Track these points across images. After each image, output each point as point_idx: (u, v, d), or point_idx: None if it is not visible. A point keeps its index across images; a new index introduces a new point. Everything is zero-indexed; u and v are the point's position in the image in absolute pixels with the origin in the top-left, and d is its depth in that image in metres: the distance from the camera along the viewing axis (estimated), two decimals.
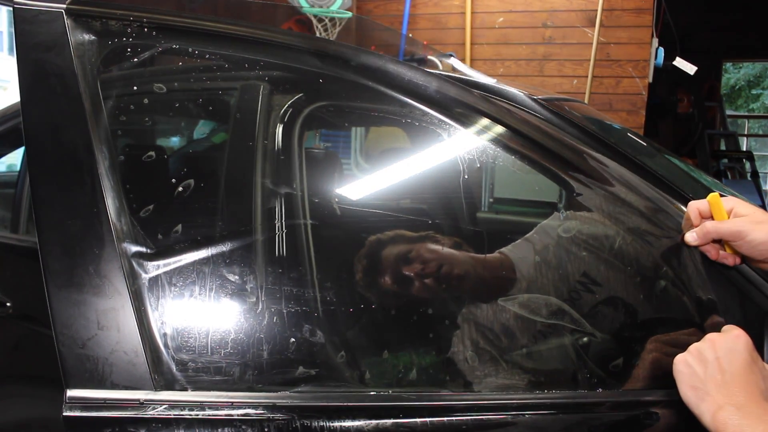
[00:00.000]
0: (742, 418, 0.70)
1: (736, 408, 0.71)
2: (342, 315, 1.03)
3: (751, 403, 0.72)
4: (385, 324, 1.06)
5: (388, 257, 1.09)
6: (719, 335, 0.78)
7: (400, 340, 1.03)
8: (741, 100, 14.23)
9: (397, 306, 1.09)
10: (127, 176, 0.93)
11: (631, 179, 0.92)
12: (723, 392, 0.73)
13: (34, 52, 0.91)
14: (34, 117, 0.90)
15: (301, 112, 1.06)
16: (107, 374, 0.81)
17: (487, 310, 1.06)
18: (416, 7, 4.35)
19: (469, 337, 1.04)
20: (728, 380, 0.73)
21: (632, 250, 0.96)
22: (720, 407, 0.71)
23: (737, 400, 0.72)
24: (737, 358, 0.75)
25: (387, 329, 1.06)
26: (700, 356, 0.77)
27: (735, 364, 0.74)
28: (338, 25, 3.36)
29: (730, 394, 0.72)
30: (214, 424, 0.79)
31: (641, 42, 3.94)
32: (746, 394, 0.72)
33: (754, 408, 0.71)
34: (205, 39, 1.00)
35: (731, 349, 0.75)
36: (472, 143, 0.98)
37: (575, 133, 0.97)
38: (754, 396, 0.72)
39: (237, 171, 1.08)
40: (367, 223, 1.16)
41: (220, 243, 0.95)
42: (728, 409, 0.71)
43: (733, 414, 0.70)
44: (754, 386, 0.73)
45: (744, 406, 0.71)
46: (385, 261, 1.09)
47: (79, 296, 0.83)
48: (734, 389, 0.73)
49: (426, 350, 1.02)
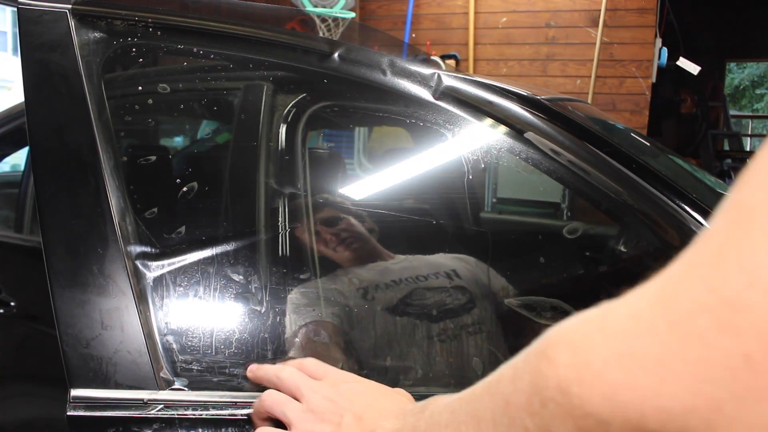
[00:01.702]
0: (400, 422, 0.57)
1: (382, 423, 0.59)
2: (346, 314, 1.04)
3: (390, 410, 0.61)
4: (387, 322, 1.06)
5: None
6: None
7: (400, 338, 1.03)
8: (745, 100, 14.21)
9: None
10: (131, 176, 0.93)
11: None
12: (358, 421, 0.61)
13: (39, 52, 0.91)
14: (38, 117, 0.90)
15: (305, 113, 1.06)
16: (111, 374, 0.81)
17: None
18: (419, 7, 4.35)
19: None
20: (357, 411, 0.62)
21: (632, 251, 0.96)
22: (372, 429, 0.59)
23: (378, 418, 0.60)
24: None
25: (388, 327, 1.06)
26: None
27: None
28: (341, 25, 3.37)
29: (363, 419, 0.61)
30: (217, 424, 0.79)
31: (644, 42, 3.94)
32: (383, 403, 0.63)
33: (393, 413, 0.61)
34: (209, 39, 1.00)
35: (319, 393, 0.65)
36: (476, 143, 0.98)
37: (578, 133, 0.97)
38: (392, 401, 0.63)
39: (240, 171, 1.08)
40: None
41: (224, 243, 0.95)
42: (379, 428, 0.59)
43: (386, 426, 0.58)
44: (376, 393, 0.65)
45: (387, 417, 0.60)
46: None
47: (83, 296, 0.83)
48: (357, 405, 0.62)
49: (433, 352, 1.02)
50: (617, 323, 0.31)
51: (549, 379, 0.32)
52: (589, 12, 4.00)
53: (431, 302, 1.07)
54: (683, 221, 0.88)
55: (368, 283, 1.08)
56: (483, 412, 0.40)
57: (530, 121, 0.95)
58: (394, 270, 1.12)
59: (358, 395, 0.65)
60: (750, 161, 0.31)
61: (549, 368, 0.33)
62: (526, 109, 0.97)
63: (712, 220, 0.31)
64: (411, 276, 1.09)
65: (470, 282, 1.10)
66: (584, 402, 0.30)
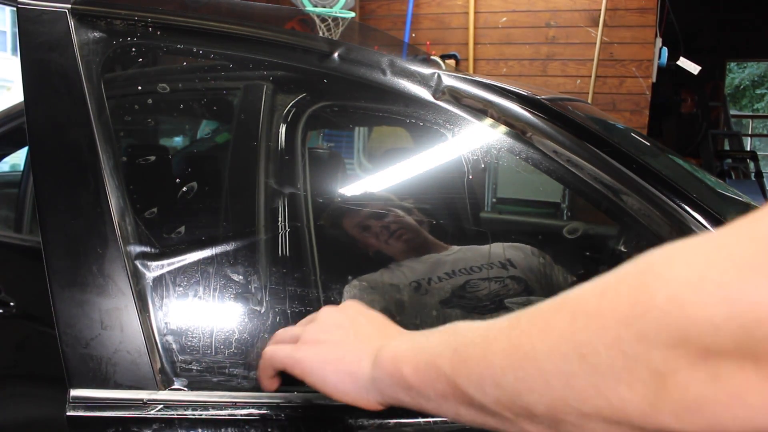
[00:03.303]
0: (408, 341, 0.54)
1: (389, 339, 0.56)
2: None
3: (393, 329, 0.61)
4: None
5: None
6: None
7: None
8: (745, 100, 14.21)
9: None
10: (131, 176, 0.93)
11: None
12: (360, 341, 0.59)
13: (38, 51, 0.91)
14: (37, 117, 0.90)
15: (305, 112, 1.06)
16: (110, 374, 0.81)
17: None
18: (419, 6, 4.35)
19: None
20: (357, 330, 0.60)
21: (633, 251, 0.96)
22: (378, 347, 0.56)
23: (381, 336, 0.59)
24: (344, 313, 0.63)
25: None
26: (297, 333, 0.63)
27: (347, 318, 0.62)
28: (341, 24, 3.37)
29: (367, 337, 0.59)
30: (217, 424, 0.79)
31: (645, 42, 3.93)
32: (382, 327, 0.61)
33: (399, 331, 0.60)
34: (209, 39, 1.00)
35: (326, 314, 0.64)
36: (476, 143, 0.98)
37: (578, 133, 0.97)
38: (389, 327, 0.61)
39: (240, 171, 1.08)
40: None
41: (224, 243, 0.95)
42: (386, 343, 0.55)
43: (395, 343, 0.55)
44: (381, 323, 0.62)
45: (393, 335, 0.59)
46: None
47: (82, 296, 0.83)
48: (369, 333, 0.60)
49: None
50: (735, 245, 0.32)
51: (658, 290, 0.33)
52: (589, 12, 4.00)
53: (486, 293, 1.06)
54: (683, 221, 0.88)
55: (421, 276, 1.08)
56: (554, 322, 0.39)
57: (530, 121, 0.95)
58: (447, 262, 1.11)
59: (355, 321, 0.62)
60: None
61: (657, 282, 0.33)
62: (526, 109, 0.97)
63: None
64: (465, 267, 1.09)
65: (525, 271, 1.10)
66: (698, 309, 0.31)
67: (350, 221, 1.12)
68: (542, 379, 0.38)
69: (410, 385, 0.50)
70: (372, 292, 1.03)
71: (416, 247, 1.15)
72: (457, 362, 0.45)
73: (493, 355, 0.42)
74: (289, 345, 0.63)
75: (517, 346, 0.41)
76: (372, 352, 0.56)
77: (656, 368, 0.33)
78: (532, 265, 1.12)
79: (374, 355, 0.55)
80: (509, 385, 0.41)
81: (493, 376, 0.42)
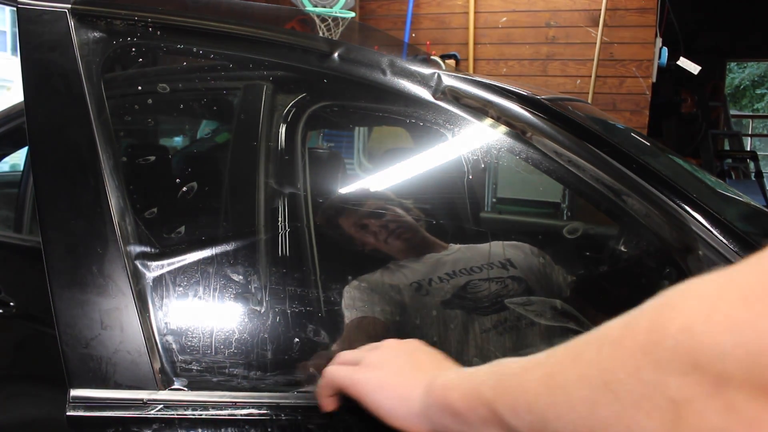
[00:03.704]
0: (459, 372, 0.58)
1: (443, 371, 0.61)
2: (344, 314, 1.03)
3: (449, 365, 0.65)
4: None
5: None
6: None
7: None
8: (745, 100, 14.21)
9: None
10: (131, 176, 0.93)
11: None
12: (416, 370, 0.63)
13: (38, 51, 0.91)
14: (37, 117, 0.90)
15: (305, 112, 1.06)
16: (111, 374, 0.81)
17: None
18: (419, 6, 4.35)
19: None
20: (414, 361, 0.65)
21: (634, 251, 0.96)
22: (431, 376, 0.60)
23: (436, 368, 0.63)
24: (403, 347, 0.67)
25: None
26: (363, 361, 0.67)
27: (405, 350, 0.67)
28: (341, 24, 3.37)
29: (423, 368, 0.63)
30: (217, 424, 0.79)
31: (645, 42, 3.93)
32: (437, 362, 0.65)
33: (456, 367, 0.63)
34: (208, 39, 1.00)
35: (389, 344, 0.68)
36: (476, 143, 0.98)
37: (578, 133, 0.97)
38: (445, 362, 0.65)
39: (240, 171, 1.08)
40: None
41: (224, 243, 0.95)
42: (439, 374, 0.60)
43: (447, 373, 0.59)
44: (438, 359, 0.66)
45: (448, 368, 0.63)
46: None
47: (82, 296, 0.83)
48: (423, 364, 0.64)
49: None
50: (744, 278, 0.34)
51: (672, 321, 0.35)
52: (589, 11, 4.00)
53: (486, 294, 1.06)
54: (683, 221, 0.88)
55: (422, 277, 1.08)
56: (584, 352, 0.41)
57: (530, 121, 0.95)
58: (447, 262, 1.11)
59: (414, 353, 0.67)
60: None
61: (672, 312, 0.35)
62: (526, 109, 0.96)
63: None
64: (465, 267, 1.09)
65: (526, 271, 1.10)
66: (707, 337, 0.33)
67: (348, 220, 1.12)
68: (569, 406, 0.41)
69: (456, 411, 0.53)
70: (371, 293, 1.03)
71: (416, 247, 1.15)
72: (497, 389, 0.49)
73: (528, 383, 0.45)
74: (350, 367, 0.68)
75: (550, 375, 0.43)
76: (426, 381, 0.60)
77: (672, 396, 0.34)
78: (532, 265, 1.12)
79: (427, 384, 0.59)
80: (540, 411, 0.43)
81: (527, 403, 0.45)
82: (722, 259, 0.84)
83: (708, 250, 0.85)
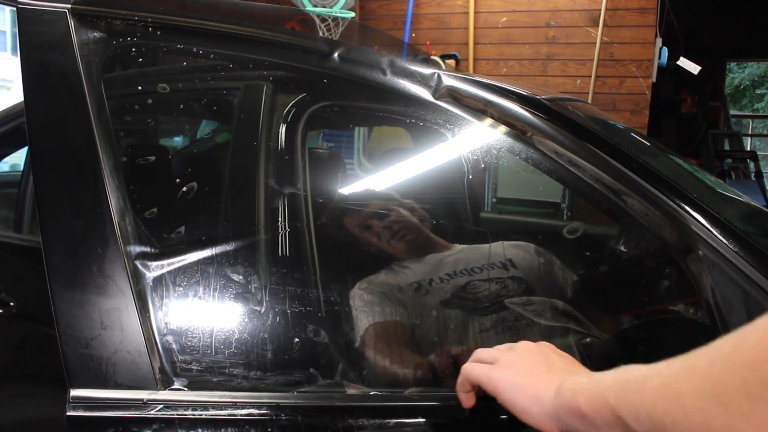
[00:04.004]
0: (587, 376, 0.61)
1: (573, 374, 0.64)
2: (345, 315, 1.04)
3: (580, 368, 0.68)
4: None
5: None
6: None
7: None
8: (745, 100, 14.20)
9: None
10: (131, 176, 0.93)
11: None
12: (549, 372, 0.67)
13: (38, 51, 0.91)
14: (37, 117, 0.90)
15: (305, 113, 1.06)
16: (111, 374, 0.81)
17: None
18: (419, 6, 4.35)
19: None
20: (548, 363, 0.69)
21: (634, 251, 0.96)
22: (562, 379, 0.63)
23: (567, 371, 0.67)
24: (539, 348, 0.71)
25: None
26: (499, 360, 0.71)
27: (540, 353, 0.70)
28: (341, 25, 3.36)
29: (555, 370, 0.67)
30: (217, 424, 0.79)
31: (645, 42, 3.93)
32: (569, 365, 0.69)
33: (584, 370, 0.67)
34: (209, 39, 1.00)
35: (525, 346, 0.73)
36: (476, 143, 0.98)
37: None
38: (576, 366, 0.69)
39: (240, 171, 1.08)
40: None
41: (224, 243, 0.95)
42: (569, 377, 0.63)
43: (576, 377, 0.62)
44: (569, 362, 0.70)
45: (578, 372, 0.67)
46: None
47: (82, 296, 0.83)
48: (556, 367, 0.68)
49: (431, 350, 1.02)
50: None
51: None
52: (589, 11, 4.00)
53: (487, 294, 1.07)
54: (683, 221, 0.88)
55: (422, 277, 1.08)
56: (698, 365, 0.44)
57: (530, 121, 0.95)
58: (448, 262, 1.11)
59: (548, 356, 0.70)
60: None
61: None
62: (526, 109, 0.96)
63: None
64: (465, 268, 1.09)
65: (526, 271, 1.10)
66: None
67: (352, 221, 1.12)
68: (683, 415, 0.43)
69: (583, 413, 0.57)
70: (377, 294, 1.03)
71: (418, 247, 1.15)
72: (621, 396, 0.52)
73: (648, 391, 0.48)
74: (487, 365, 0.72)
75: (667, 385, 0.46)
76: (557, 383, 0.63)
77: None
78: (533, 265, 1.12)
79: (558, 386, 0.63)
80: (658, 417, 0.46)
81: (647, 409, 0.48)
82: (722, 259, 0.84)
83: (708, 250, 0.85)
